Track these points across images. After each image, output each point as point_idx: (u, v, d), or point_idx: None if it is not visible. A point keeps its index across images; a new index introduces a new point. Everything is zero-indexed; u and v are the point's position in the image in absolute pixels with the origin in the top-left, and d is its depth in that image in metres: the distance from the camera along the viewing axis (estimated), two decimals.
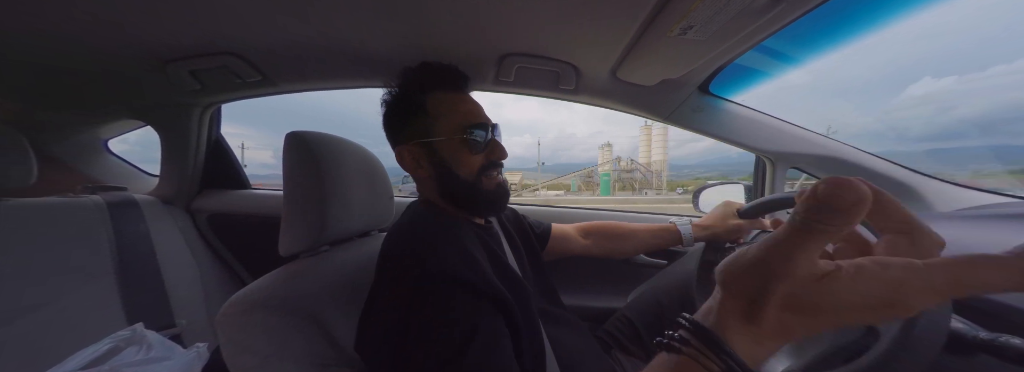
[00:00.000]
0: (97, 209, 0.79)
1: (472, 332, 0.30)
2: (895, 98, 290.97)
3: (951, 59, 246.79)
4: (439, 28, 0.59)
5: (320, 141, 0.48)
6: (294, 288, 0.41)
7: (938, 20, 16.39)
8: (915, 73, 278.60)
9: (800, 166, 0.82)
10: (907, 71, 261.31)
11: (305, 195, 0.45)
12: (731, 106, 0.76)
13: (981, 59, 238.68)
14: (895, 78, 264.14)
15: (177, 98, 0.85)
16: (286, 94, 0.88)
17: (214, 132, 1.00)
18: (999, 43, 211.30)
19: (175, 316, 0.81)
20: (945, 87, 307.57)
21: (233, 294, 0.39)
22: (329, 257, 0.49)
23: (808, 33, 0.52)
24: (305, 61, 0.71)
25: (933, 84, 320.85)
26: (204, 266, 0.94)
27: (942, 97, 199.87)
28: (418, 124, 0.47)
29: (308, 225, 0.46)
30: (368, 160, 0.59)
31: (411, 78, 0.49)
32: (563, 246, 0.69)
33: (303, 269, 0.45)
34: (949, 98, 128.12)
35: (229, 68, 0.71)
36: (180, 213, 0.98)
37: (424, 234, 0.39)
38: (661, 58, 0.57)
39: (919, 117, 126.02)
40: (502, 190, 0.50)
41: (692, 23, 0.45)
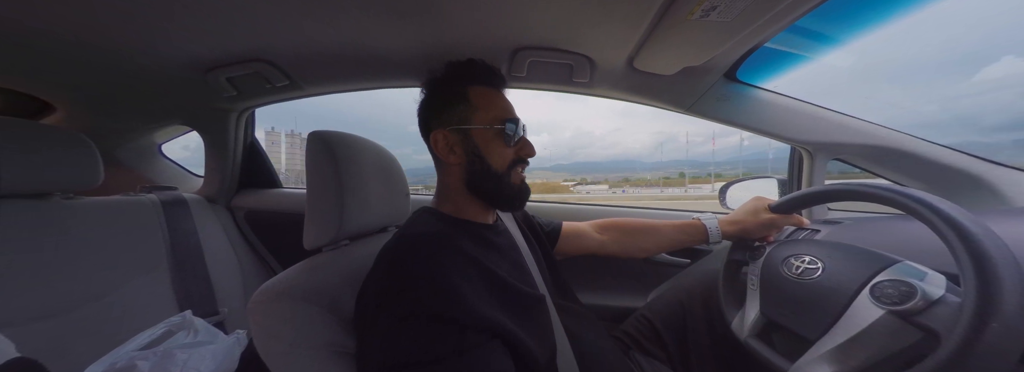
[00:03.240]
0: (153, 207, 0.87)
1: (456, 367, 0.31)
2: (965, 82, 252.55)
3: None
4: (451, 25, 0.59)
5: (340, 140, 0.50)
6: (315, 279, 0.43)
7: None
8: (993, 53, 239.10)
9: (845, 158, 0.74)
10: (983, 51, 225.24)
11: (326, 192, 0.48)
12: (762, 93, 0.70)
13: None
14: (966, 59, 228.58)
15: (216, 104, 0.92)
16: (310, 97, 0.93)
17: (249, 135, 1.08)
18: None
19: (218, 305, 0.88)
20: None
21: None
22: (348, 251, 0.51)
23: (849, 7, 0.47)
24: (328, 65, 0.75)
25: (1017, 64, 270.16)
26: (242, 259, 1.02)
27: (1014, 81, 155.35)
28: (458, 111, 0.48)
29: (329, 221, 0.48)
30: (385, 158, 0.60)
31: (456, 69, 0.51)
32: (577, 243, 0.68)
33: (324, 262, 0.47)
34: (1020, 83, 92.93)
35: (260, 74, 0.77)
36: (222, 211, 1.06)
37: (413, 259, 0.38)
38: (681, 44, 0.54)
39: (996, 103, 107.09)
40: (525, 187, 0.51)
41: (715, 3, 0.42)
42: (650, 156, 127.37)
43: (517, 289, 0.41)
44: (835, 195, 0.49)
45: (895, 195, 0.37)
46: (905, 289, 0.34)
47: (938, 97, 51.17)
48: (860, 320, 0.36)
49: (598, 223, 0.71)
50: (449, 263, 0.38)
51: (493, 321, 0.35)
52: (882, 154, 0.69)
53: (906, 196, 0.35)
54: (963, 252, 0.29)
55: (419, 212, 0.52)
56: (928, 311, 0.32)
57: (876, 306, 0.36)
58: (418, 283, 0.35)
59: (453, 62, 0.51)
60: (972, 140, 1.31)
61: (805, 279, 0.44)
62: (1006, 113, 32.39)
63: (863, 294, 0.37)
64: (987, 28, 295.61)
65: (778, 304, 0.47)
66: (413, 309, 0.33)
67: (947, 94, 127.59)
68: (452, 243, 0.41)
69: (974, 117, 20.14)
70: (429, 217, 0.49)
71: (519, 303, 0.41)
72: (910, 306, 0.33)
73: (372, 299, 0.37)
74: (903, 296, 0.34)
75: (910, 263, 0.38)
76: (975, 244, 0.28)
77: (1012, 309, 0.26)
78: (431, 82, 0.52)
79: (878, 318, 0.35)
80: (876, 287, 0.37)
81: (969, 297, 0.28)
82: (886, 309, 0.35)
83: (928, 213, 0.32)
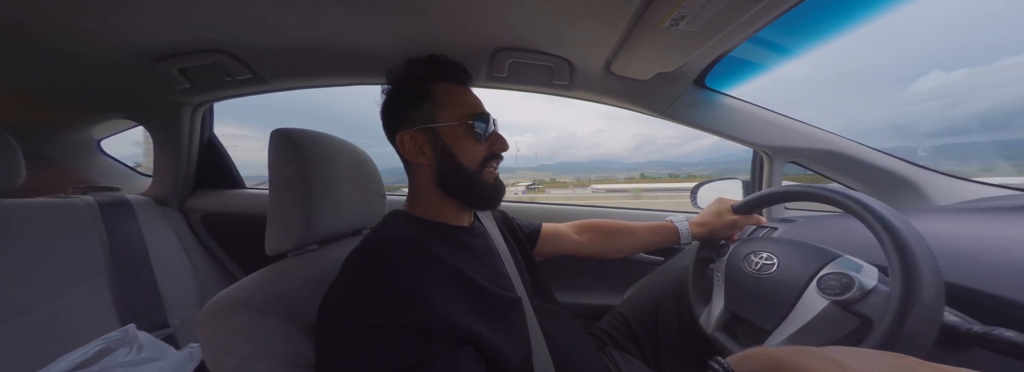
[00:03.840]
0: (88, 209, 0.78)
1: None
2: (901, 93, 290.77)
3: (963, 51, 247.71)
4: (431, 22, 0.58)
5: (308, 139, 0.48)
6: (277, 288, 0.40)
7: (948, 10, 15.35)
8: (923, 67, 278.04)
9: (799, 161, 0.80)
10: (915, 65, 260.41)
11: (291, 193, 0.45)
12: (728, 100, 0.75)
13: (990, 51, 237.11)
14: (902, 72, 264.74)
15: (167, 97, 0.84)
16: (279, 92, 0.87)
17: (207, 131, 1.00)
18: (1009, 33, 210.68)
19: (169, 316, 0.81)
20: (954, 81, 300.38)
21: None
22: (317, 256, 0.48)
23: (804, 22, 0.51)
24: (297, 58, 0.70)
25: (943, 78, 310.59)
26: (198, 266, 0.93)
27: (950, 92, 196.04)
28: (424, 110, 0.46)
29: (294, 224, 0.45)
30: (359, 158, 0.58)
31: (418, 67, 0.49)
32: (556, 244, 0.68)
33: (289, 268, 0.44)
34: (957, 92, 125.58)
35: (219, 66, 0.71)
36: (173, 213, 0.97)
37: (379, 266, 0.36)
38: (654, 51, 0.56)
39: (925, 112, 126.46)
40: (500, 185, 0.50)
41: (684, 13, 0.44)
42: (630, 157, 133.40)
43: (492, 293, 0.41)
44: (788, 196, 0.53)
45: (836, 196, 0.40)
46: (845, 281, 0.38)
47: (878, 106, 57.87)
48: (809, 311, 0.40)
49: (577, 224, 0.72)
50: (418, 268, 0.36)
51: (464, 328, 0.34)
52: (830, 158, 0.76)
53: (845, 197, 0.39)
54: (890, 246, 0.32)
55: (390, 216, 0.50)
56: (863, 300, 0.36)
57: (822, 297, 0.39)
58: (383, 291, 0.33)
59: (413, 60, 0.49)
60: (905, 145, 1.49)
61: (763, 274, 0.48)
62: (933, 121, 37.55)
63: (811, 286, 0.41)
64: (918, 43, 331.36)
65: (740, 299, 0.50)
66: (375, 319, 0.32)
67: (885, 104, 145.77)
68: (422, 247, 0.39)
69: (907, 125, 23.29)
70: (400, 221, 0.48)
71: (494, 307, 0.40)
72: (849, 296, 0.36)
73: (333, 309, 0.35)
74: (843, 287, 0.37)
75: (849, 257, 0.42)
76: (900, 239, 0.32)
77: (930, 297, 0.29)
78: (392, 82, 0.50)
79: (823, 308, 0.38)
80: (822, 280, 0.40)
81: (895, 286, 0.31)
82: (830, 300, 0.38)
83: (863, 212, 0.36)
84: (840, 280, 0.38)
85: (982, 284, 0.34)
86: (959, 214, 0.53)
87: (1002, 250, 0.38)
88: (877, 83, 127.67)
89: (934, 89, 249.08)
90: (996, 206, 0.55)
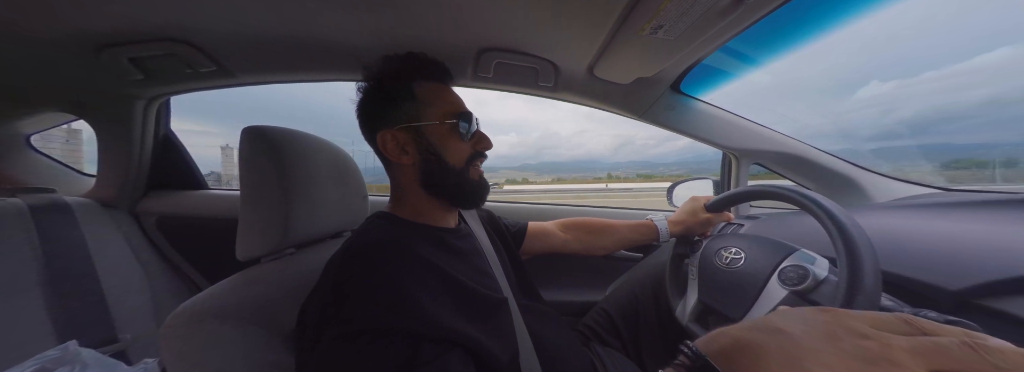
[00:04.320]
0: (17, 214, 0.69)
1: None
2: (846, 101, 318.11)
3: (895, 64, 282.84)
4: (416, 20, 0.57)
5: (283, 137, 0.45)
6: (252, 295, 0.38)
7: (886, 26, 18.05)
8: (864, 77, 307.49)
9: (762, 162, 0.87)
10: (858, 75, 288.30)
11: (265, 195, 0.42)
12: (700, 105, 0.80)
13: (917, 64, 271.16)
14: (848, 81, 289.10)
15: (115, 89, 0.76)
16: (247, 86, 0.82)
17: (162, 127, 0.91)
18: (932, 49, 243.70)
19: (118, 330, 0.73)
20: (888, 91, 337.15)
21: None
22: (294, 261, 0.46)
23: (767, 35, 0.55)
24: (268, 51, 0.66)
25: (879, 87, 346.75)
26: (154, 274, 0.85)
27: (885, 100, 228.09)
28: (405, 109, 0.45)
29: (270, 227, 0.42)
30: (339, 157, 0.56)
31: (397, 65, 0.48)
32: (543, 243, 0.70)
33: (263, 274, 0.42)
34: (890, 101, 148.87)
35: (178, 56, 0.65)
36: (123, 216, 0.88)
37: (364, 270, 0.34)
38: (635, 56, 0.59)
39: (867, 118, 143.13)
40: (485, 183, 0.50)
41: (661, 23, 0.47)
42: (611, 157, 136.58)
43: (479, 293, 0.41)
44: (754, 195, 0.58)
45: (795, 195, 0.44)
46: (801, 272, 0.42)
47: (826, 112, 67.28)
48: (771, 300, 0.43)
49: (562, 222, 0.73)
50: (404, 271, 0.35)
51: (453, 330, 0.33)
52: (789, 160, 0.82)
53: (802, 196, 0.43)
54: (838, 241, 0.36)
55: (373, 217, 0.48)
56: (817, 289, 0.40)
57: (782, 287, 0.43)
58: (368, 294, 0.32)
59: (392, 57, 0.48)
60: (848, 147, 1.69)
61: (732, 268, 0.51)
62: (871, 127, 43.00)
63: (773, 278, 0.45)
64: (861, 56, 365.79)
65: (712, 291, 0.53)
66: (361, 324, 0.31)
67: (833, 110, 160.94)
68: (408, 249, 0.39)
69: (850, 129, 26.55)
70: (383, 222, 0.46)
71: (481, 308, 0.40)
72: (805, 286, 0.40)
73: (315, 315, 0.33)
74: (800, 278, 0.41)
75: (805, 250, 0.47)
76: (846, 235, 0.36)
77: (870, 285, 0.33)
78: (369, 79, 0.48)
79: (783, 297, 0.42)
80: (782, 272, 0.44)
81: (842, 277, 0.34)
82: (789, 289, 0.42)
83: (817, 210, 0.40)
84: (797, 272, 0.42)
85: (908, 271, 0.39)
86: (892, 210, 0.60)
87: (922, 241, 0.44)
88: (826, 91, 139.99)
89: (872, 97, 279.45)
90: (919, 203, 0.63)
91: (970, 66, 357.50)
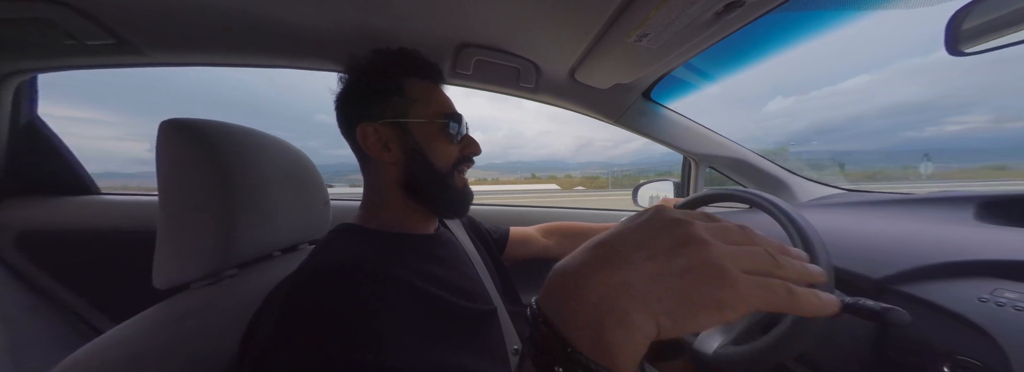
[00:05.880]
0: None
1: None
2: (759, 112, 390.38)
3: (794, 83, 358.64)
4: (392, 5, 0.51)
5: (219, 132, 0.37)
6: (180, 334, 0.29)
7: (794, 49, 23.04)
8: (771, 93, 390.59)
9: (715, 166, 0.97)
10: (767, 92, 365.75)
11: (196, 204, 0.34)
12: (667, 112, 0.86)
13: (808, 84, 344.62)
14: (760, 96, 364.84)
15: None
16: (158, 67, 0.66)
17: (25, 113, 0.69)
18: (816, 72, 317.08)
19: None
20: (788, 105, 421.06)
21: (65, 339, 0.26)
22: (236, 285, 0.37)
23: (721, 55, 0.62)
24: (197, 26, 0.54)
25: (782, 102, 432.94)
26: (10, 309, 0.64)
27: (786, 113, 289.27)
28: (393, 104, 0.41)
29: (201, 244, 0.34)
30: (293, 158, 0.48)
31: (388, 60, 0.43)
32: (525, 248, 0.68)
33: (195, 305, 0.33)
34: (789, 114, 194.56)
35: (54, 23, 0.49)
36: None
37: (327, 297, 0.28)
38: (617, 62, 0.60)
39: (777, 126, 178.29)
40: (468, 191, 0.47)
41: (648, 31, 0.48)
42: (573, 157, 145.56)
43: (464, 310, 0.37)
44: (720, 198, 0.63)
45: (756, 198, 0.49)
46: None
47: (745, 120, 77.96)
48: None
49: (542, 228, 0.73)
50: (374, 297, 0.30)
51: (434, 363, 0.28)
52: (736, 164, 0.93)
53: (763, 199, 0.47)
54: (799, 240, 0.41)
55: (337, 231, 0.41)
56: None
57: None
58: (327, 327, 0.26)
59: (382, 50, 0.44)
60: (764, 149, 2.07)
61: None
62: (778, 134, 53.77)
63: None
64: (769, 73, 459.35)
65: None
66: (313, 364, 0.24)
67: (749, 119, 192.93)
68: (378, 271, 0.32)
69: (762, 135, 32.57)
70: (348, 237, 0.40)
71: (467, 325, 0.36)
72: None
73: (267, 353, 0.25)
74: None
75: None
76: (804, 233, 0.40)
77: (828, 279, 0.37)
78: (355, 71, 0.43)
79: None
80: None
81: None
82: None
83: (779, 213, 0.44)
84: None
85: (838, 262, 0.45)
86: (816, 209, 0.71)
87: (844, 236, 0.52)
88: (745, 102, 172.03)
89: (777, 110, 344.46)
90: (832, 202, 0.75)
91: (843, 88, 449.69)
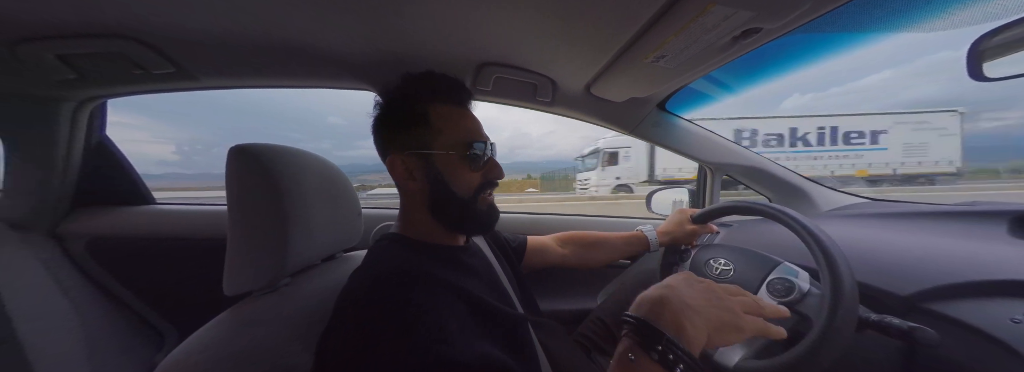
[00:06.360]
0: None
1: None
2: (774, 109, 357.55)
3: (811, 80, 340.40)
4: (413, 32, 0.54)
5: (273, 154, 0.41)
6: (252, 339, 0.34)
7: None
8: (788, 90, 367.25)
9: (731, 174, 0.96)
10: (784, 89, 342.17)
11: (261, 222, 0.38)
12: (682, 122, 0.86)
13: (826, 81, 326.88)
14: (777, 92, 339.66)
15: (33, 89, 0.63)
16: (206, 90, 0.72)
17: (96, 134, 0.77)
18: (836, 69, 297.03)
19: None
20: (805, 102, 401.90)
21: (134, 343, 0.31)
22: (290, 292, 0.42)
23: (747, 68, 0.62)
24: (244, 54, 0.59)
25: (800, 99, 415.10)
26: (85, 310, 0.72)
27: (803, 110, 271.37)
28: (418, 134, 0.44)
29: (264, 256, 0.38)
30: (329, 173, 0.52)
31: (414, 85, 0.46)
32: (541, 258, 0.70)
33: (260, 312, 0.37)
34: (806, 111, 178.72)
35: (125, 56, 0.56)
36: (41, 241, 0.73)
37: (397, 299, 0.33)
38: (634, 79, 0.62)
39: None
40: (494, 211, 0.50)
41: (665, 53, 0.50)
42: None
43: (502, 313, 0.41)
44: (738, 210, 0.63)
45: (776, 212, 0.49)
46: (788, 285, 0.47)
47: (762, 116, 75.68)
48: None
49: (558, 237, 0.75)
50: (433, 298, 0.34)
51: (487, 356, 0.33)
52: (751, 172, 0.92)
53: (783, 214, 0.48)
54: (821, 259, 0.41)
55: (383, 241, 0.46)
56: (803, 301, 0.45)
57: (771, 298, 0.47)
58: (402, 326, 0.31)
59: (410, 76, 0.47)
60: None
61: (723, 278, 0.56)
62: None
63: (762, 289, 0.50)
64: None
65: None
66: (398, 358, 0.29)
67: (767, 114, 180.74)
68: (431, 275, 0.37)
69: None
70: (395, 246, 0.44)
71: (504, 327, 0.40)
72: (792, 298, 0.45)
73: (339, 352, 0.31)
74: (787, 290, 0.46)
75: (788, 264, 0.52)
76: (828, 254, 0.41)
77: (850, 298, 0.38)
78: (386, 98, 0.47)
79: None
80: (770, 284, 0.49)
81: (826, 291, 0.39)
82: (777, 301, 0.47)
83: (801, 230, 0.45)
84: (784, 284, 0.47)
85: (863, 277, 0.45)
86: (838, 219, 0.69)
87: (870, 250, 0.51)
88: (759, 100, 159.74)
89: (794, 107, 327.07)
90: (856, 213, 0.73)
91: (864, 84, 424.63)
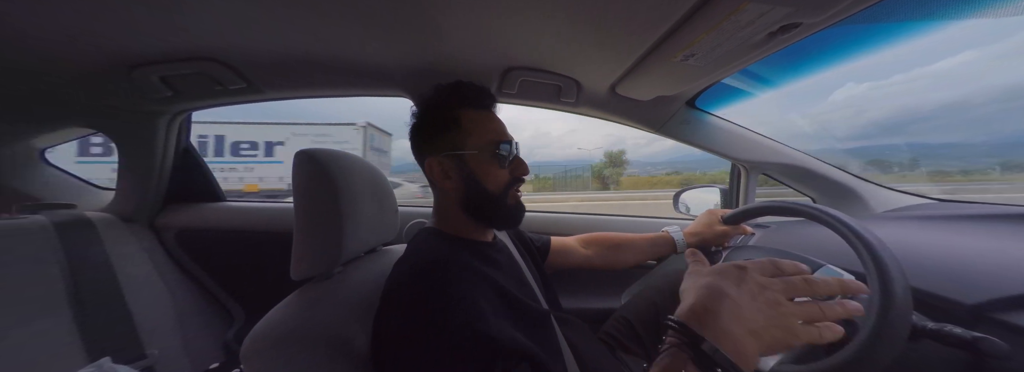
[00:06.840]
0: (42, 231, 0.69)
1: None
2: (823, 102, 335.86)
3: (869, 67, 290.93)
4: (443, 42, 0.59)
5: (332, 159, 0.47)
6: (317, 316, 0.39)
7: None
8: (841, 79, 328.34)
9: (769, 173, 0.91)
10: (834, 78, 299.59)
11: (322, 216, 0.44)
12: (714, 119, 0.83)
13: (888, 68, 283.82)
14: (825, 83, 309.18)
15: (142, 106, 0.76)
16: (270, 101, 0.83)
17: (183, 141, 0.92)
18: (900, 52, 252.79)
19: (145, 346, 0.73)
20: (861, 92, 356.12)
21: (213, 321, 0.37)
22: (343, 278, 0.48)
23: (787, 60, 0.58)
24: (298, 69, 0.68)
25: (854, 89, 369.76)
26: (175, 289, 0.85)
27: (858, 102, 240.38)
28: (450, 137, 0.48)
29: (326, 247, 0.44)
30: (374, 174, 0.58)
31: (445, 94, 0.51)
32: (565, 259, 0.72)
33: (321, 294, 0.43)
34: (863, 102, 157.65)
35: (209, 74, 0.66)
36: (143, 231, 0.88)
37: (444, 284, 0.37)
38: (661, 78, 0.62)
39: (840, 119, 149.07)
40: (521, 206, 0.53)
41: (695, 52, 0.49)
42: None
43: (528, 306, 0.43)
44: (772, 211, 0.60)
45: (822, 214, 0.46)
46: None
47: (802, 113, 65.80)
48: None
49: (582, 238, 0.75)
50: (472, 286, 0.38)
51: (521, 343, 0.36)
52: (792, 170, 0.86)
53: (829, 216, 0.45)
54: (869, 260, 0.38)
55: (422, 233, 0.51)
56: None
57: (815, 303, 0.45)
58: (449, 310, 0.35)
59: (442, 86, 0.52)
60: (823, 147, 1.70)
61: None
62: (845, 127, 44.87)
63: None
64: None
65: None
66: (445, 339, 0.33)
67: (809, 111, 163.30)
68: (470, 265, 0.41)
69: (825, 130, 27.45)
70: (434, 238, 0.49)
71: (532, 320, 0.42)
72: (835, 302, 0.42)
73: (394, 331, 0.36)
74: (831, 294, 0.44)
75: (830, 266, 0.49)
76: (876, 254, 0.38)
77: (902, 302, 0.35)
78: (421, 106, 0.52)
79: None
80: None
81: (875, 295, 0.36)
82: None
83: (844, 230, 0.42)
84: None
85: (923, 284, 0.42)
86: (895, 221, 0.63)
87: (932, 255, 0.47)
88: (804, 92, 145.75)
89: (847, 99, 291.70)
90: (918, 215, 0.66)
91: (934, 69, 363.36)
